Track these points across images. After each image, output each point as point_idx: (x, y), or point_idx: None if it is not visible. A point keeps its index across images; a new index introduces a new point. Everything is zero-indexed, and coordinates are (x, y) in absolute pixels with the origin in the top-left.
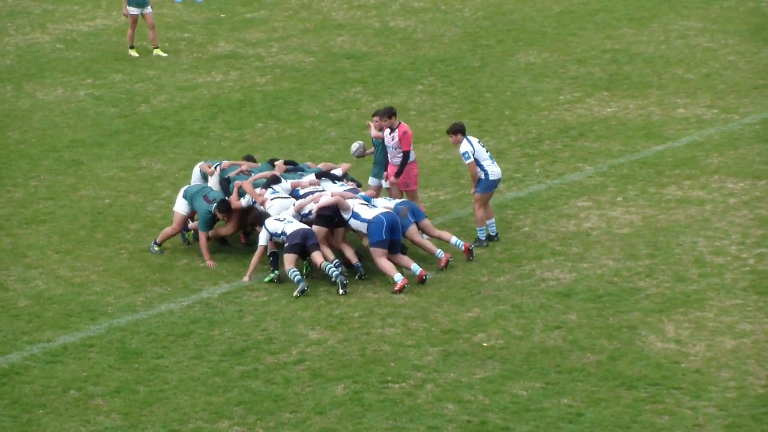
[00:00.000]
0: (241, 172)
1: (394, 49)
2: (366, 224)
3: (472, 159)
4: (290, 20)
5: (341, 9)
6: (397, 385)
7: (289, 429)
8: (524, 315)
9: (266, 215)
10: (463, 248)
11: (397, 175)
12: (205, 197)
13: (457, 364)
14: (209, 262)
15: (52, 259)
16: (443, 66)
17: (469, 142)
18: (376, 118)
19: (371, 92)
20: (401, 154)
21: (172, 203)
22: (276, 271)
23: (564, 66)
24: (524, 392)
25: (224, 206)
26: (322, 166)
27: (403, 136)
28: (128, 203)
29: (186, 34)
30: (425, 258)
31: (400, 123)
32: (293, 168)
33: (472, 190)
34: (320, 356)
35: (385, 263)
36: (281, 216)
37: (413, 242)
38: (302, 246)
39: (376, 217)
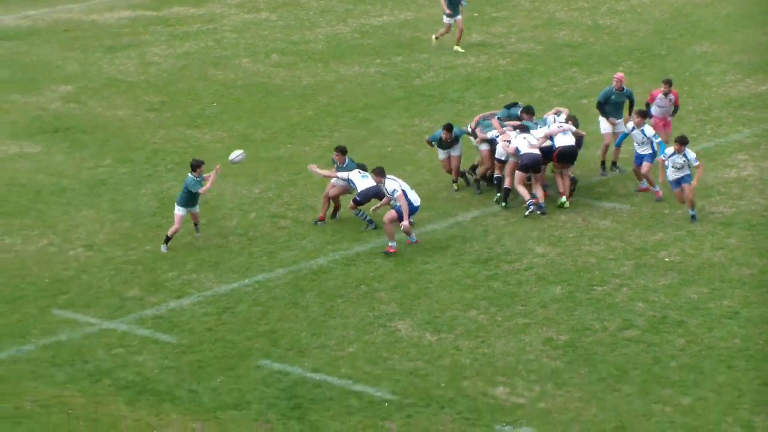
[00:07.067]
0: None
1: (601, 41)
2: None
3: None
4: (525, 18)
5: (563, 10)
6: (600, 288)
7: (520, 317)
8: (696, 238)
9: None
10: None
11: (674, 113)
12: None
13: (646, 273)
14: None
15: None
16: (638, 53)
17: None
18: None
19: (584, 72)
20: (674, 108)
21: (435, 150)
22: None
23: (729, 55)
24: (695, 296)
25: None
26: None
27: (677, 97)
28: (404, 151)
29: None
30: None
31: (672, 89)
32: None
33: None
34: (544, 265)
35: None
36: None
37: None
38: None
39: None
